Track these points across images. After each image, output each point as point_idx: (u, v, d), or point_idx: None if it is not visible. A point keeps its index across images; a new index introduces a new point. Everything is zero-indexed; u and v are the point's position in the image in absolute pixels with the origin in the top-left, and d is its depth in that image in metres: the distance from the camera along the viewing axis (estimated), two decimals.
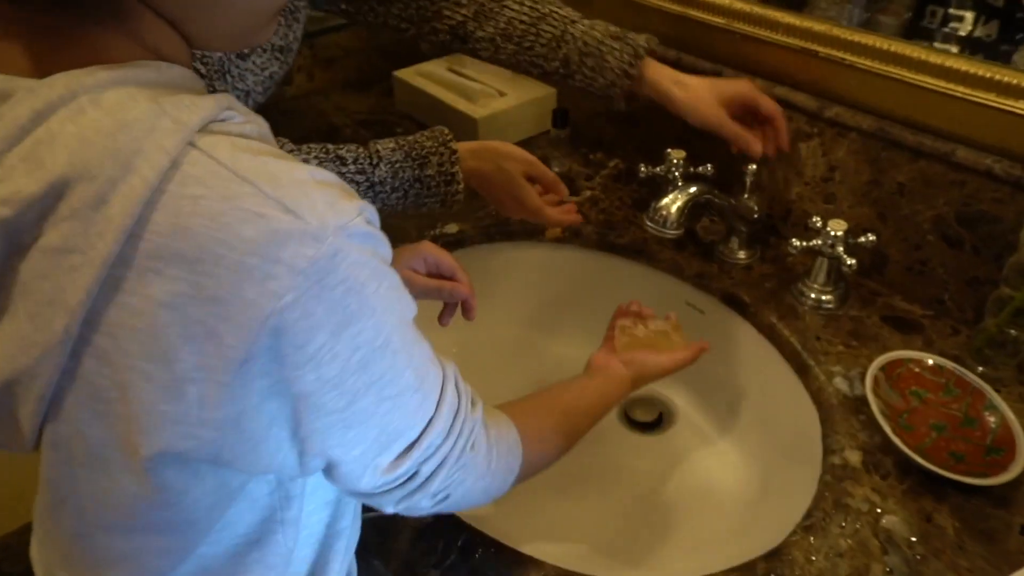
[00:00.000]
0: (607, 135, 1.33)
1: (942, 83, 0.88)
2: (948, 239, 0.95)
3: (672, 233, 0.99)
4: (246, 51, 0.86)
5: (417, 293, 0.86)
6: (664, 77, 0.98)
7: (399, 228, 1.15)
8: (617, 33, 0.98)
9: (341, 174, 0.86)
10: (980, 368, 0.89)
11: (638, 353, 0.89)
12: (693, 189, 1.00)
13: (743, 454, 1.05)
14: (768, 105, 0.99)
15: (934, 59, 0.87)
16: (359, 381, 0.48)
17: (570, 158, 1.31)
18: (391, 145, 0.91)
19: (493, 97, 1.36)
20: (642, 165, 1.10)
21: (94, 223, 0.41)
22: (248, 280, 0.42)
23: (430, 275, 0.87)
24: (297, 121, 1.45)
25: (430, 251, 0.87)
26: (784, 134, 1.00)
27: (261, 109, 0.88)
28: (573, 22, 0.99)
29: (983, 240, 0.91)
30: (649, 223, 0.99)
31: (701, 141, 1.17)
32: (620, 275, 1.17)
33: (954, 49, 0.91)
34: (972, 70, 0.85)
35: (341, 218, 0.45)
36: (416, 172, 0.90)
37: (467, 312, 0.89)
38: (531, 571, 0.74)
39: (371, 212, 0.48)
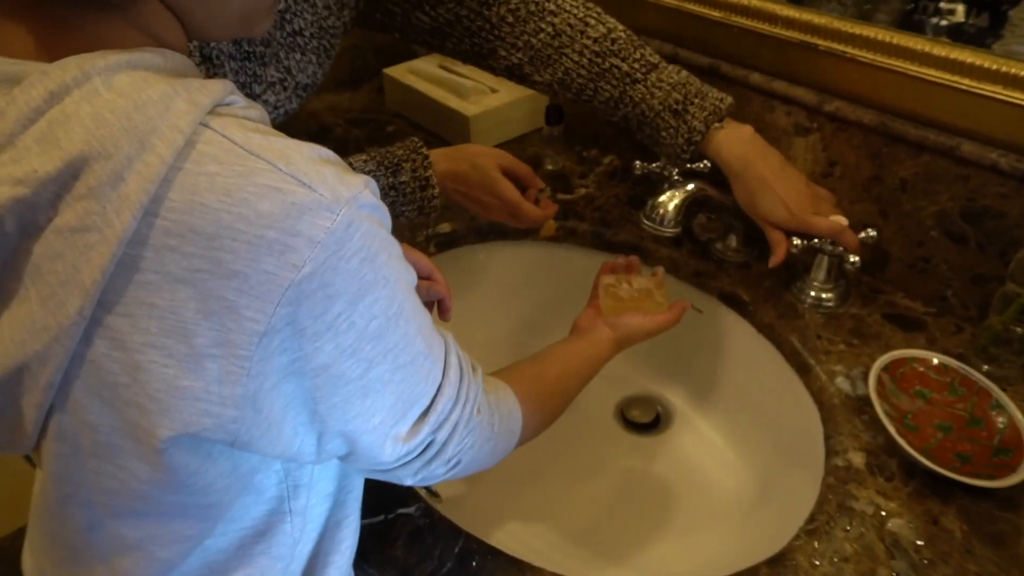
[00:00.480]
0: (601, 132, 1.31)
1: (946, 75, 0.86)
2: (952, 235, 0.93)
3: (669, 231, 0.97)
4: (259, 91, 0.84)
5: None
6: (724, 166, 0.93)
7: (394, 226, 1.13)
8: (677, 104, 0.91)
9: None
10: (985, 367, 0.87)
11: (623, 316, 0.88)
12: (690, 186, 0.98)
13: (743, 456, 1.04)
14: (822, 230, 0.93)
15: (938, 51, 0.85)
16: (375, 349, 0.50)
17: (564, 155, 1.29)
18: (363, 157, 0.90)
19: (485, 94, 1.34)
20: (637, 162, 1.08)
21: (110, 201, 0.42)
22: (267, 253, 0.44)
23: None
24: (287, 121, 1.43)
25: (406, 252, 0.86)
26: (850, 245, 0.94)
27: None
28: (634, 82, 0.92)
29: (988, 236, 0.90)
30: (646, 221, 0.97)
31: None
32: None
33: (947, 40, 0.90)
34: (978, 62, 0.83)
35: (352, 190, 0.46)
36: (390, 180, 0.89)
37: (443, 312, 0.87)
38: None
39: (374, 185, 0.49)
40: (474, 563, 0.73)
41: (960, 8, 0.92)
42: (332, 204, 0.45)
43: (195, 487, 0.51)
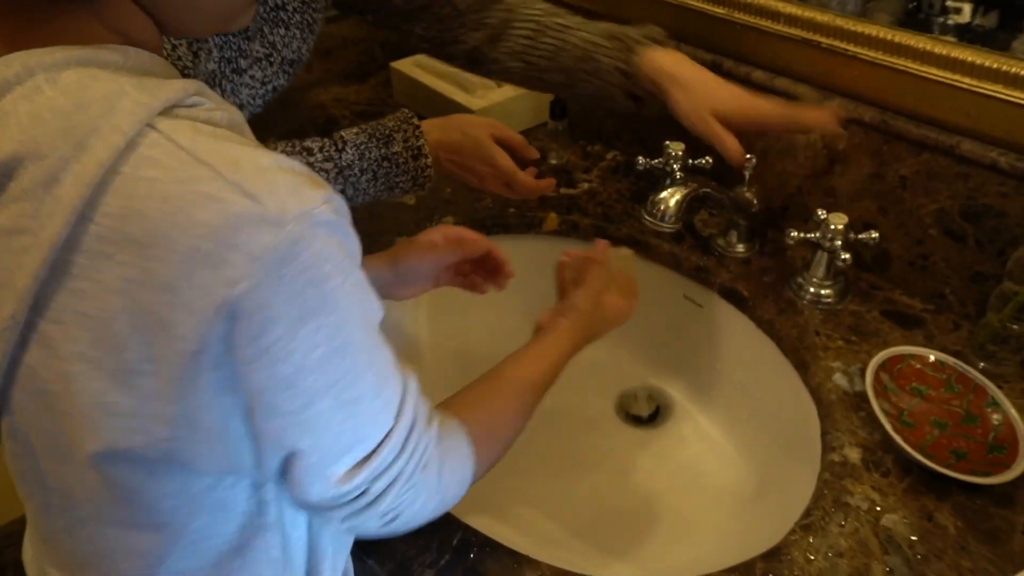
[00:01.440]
0: (605, 127, 1.32)
1: (948, 74, 0.86)
2: (951, 233, 0.93)
3: (670, 226, 0.98)
4: (245, 65, 0.84)
5: (436, 266, 0.87)
6: (662, 74, 0.90)
7: (396, 220, 1.14)
8: (613, 31, 0.93)
9: (309, 164, 0.85)
10: (982, 364, 0.88)
11: (581, 296, 0.82)
12: (692, 182, 0.98)
13: (741, 450, 1.04)
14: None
15: (939, 49, 0.86)
16: (317, 382, 0.46)
17: (568, 150, 1.30)
18: (355, 130, 0.90)
19: (491, 88, 1.35)
20: (640, 157, 1.08)
21: (44, 204, 0.40)
22: (201, 266, 0.41)
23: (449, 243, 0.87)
24: (294, 112, 1.44)
25: (438, 230, 0.87)
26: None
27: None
28: (572, 29, 0.94)
29: (987, 234, 0.90)
30: (647, 216, 0.98)
31: None
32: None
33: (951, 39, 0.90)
34: (979, 60, 0.83)
35: (304, 205, 0.43)
36: (382, 151, 0.89)
37: (502, 268, 0.91)
38: (527, 570, 0.72)
39: (339, 202, 0.46)
40: (472, 555, 0.74)
41: (967, 7, 0.91)
42: (277, 218, 0.42)
43: (139, 504, 0.50)
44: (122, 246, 0.41)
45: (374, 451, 0.51)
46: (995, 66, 0.82)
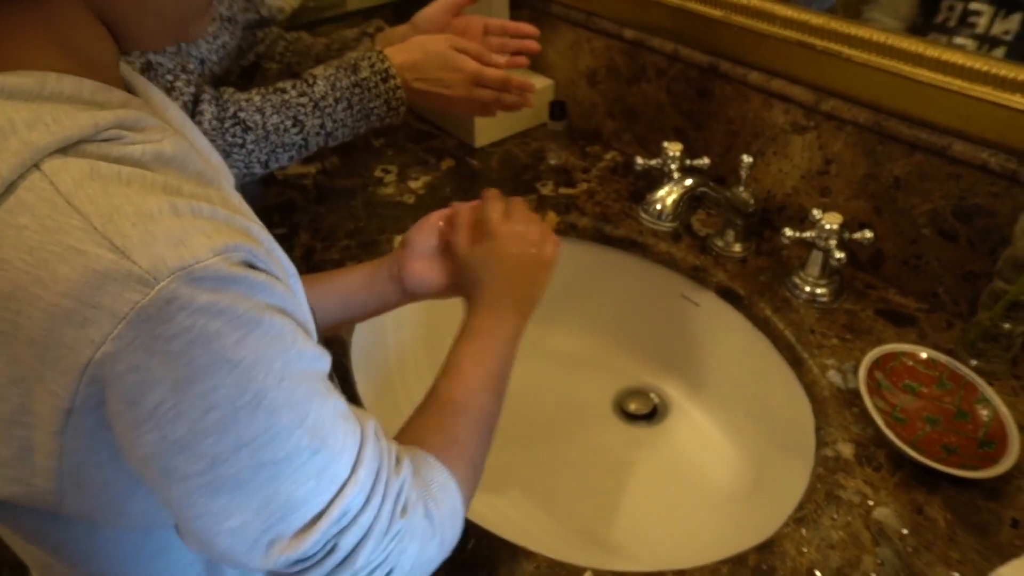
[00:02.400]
0: (604, 128, 1.33)
1: (939, 77, 0.87)
2: (943, 233, 0.95)
3: (667, 226, 0.99)
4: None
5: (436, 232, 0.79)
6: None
7: (396, 219, 1.16)
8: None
9: (285, 102, 0.88)
10: (973, 362, 0.89)
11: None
12: (688, 182, 1.00)
13: (736, 446, 1.06)
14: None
15: (931, 52, 0.87)
16: (220, 444, 0.42)
17: (567, 151, 1.31)
18: (322, 67, 0.93)
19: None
20: (638, 158, 1.10)
21: None
22: (65, 324, 0.38)
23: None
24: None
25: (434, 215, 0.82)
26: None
27: (243, 86, 0.90)
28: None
29: (978, 234, 0.92)
30: (644, 215, 0.99)
31: (698, 134, 1.17)
32: (615, 268, 1.17)
33: (971, 45, 0.90)
34: (969, 64, 0.84)
35: (184, 260, 0.39)
36: (352, 78, 0.91)
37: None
38: (524, 562, 0.74)
39: (247, 249, 0.42)
40: (470, 546, 0.75)
41: (986, 14, 0.91)
42: (146, 275, 0.38)
43: (63, 552, 0.48)
44: None
45: (326, 508, 0.47)
46: (985, 69, 0.83)
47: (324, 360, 0.48)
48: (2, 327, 0.39)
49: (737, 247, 1.08)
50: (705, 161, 1.09)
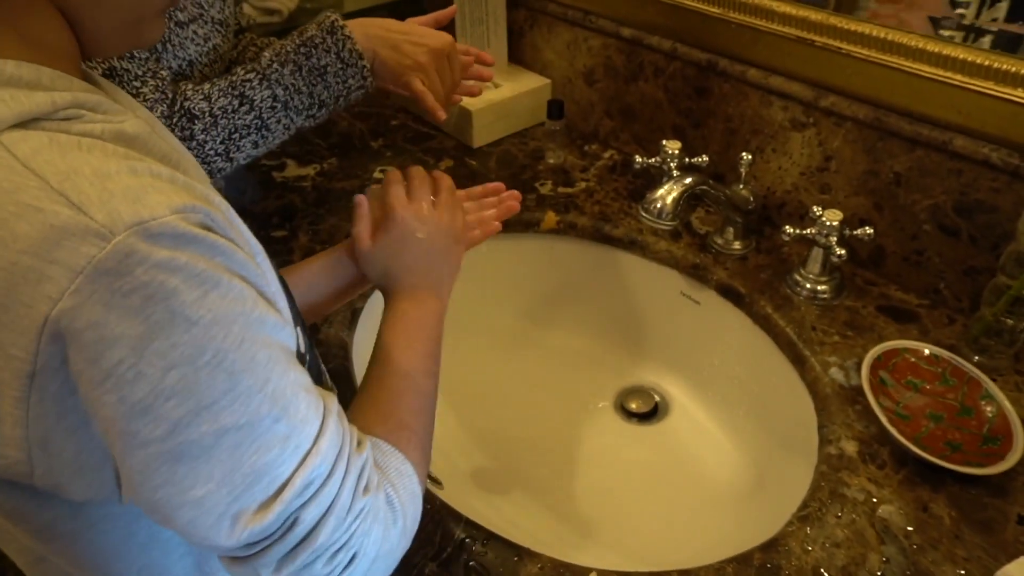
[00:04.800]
0: (602, 127, 1.33)
1: (940, 71, 0.87)
2: (945, 228, 0.94)
3: (667, 224, 0.99)
4: (184, 19, 0.86)
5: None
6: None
7: None
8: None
9: (232, 83, 0.85)
10: (976, 357, 0.89)
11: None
12: (688, 180, 0.99)
13: (739, 444, 1.05)
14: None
15: (931, 47, 0.87)
16: (181, 408, 0.41)
17: (565, 150, 1.31)
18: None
19: (488, 89, 1.36)
20: (637, 156, 1.10)
21: None
22: (23, 282, 0.39)
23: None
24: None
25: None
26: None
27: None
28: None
29: (980, 229, 0.91)
30: (644, 214, 0.98)
31: (696, 132, 1.17)
32: (615, 266, 1.17)
33: (957, 36, 0.89)
34: (970, 58, 0.84)
35: (141, 215, 0.39)
36: (298, 40, 0.88)
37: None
38: (527, 562, 0.73)
39: (205, 212, 0.43)
40: (474, 548, 0.75)
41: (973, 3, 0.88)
42: (102, 229, 0.38)
43: (35, 534, 0.48)
44: None
45: (290, 478, 0.46)
46: (986, 63, 0.83)
47: (286, 333, 0.47)
48: None
49: (737, 245, 1.08)
50: (704, 159, 1.08)
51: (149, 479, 0.42)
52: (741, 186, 1.04)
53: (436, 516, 0.78)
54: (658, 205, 0.97)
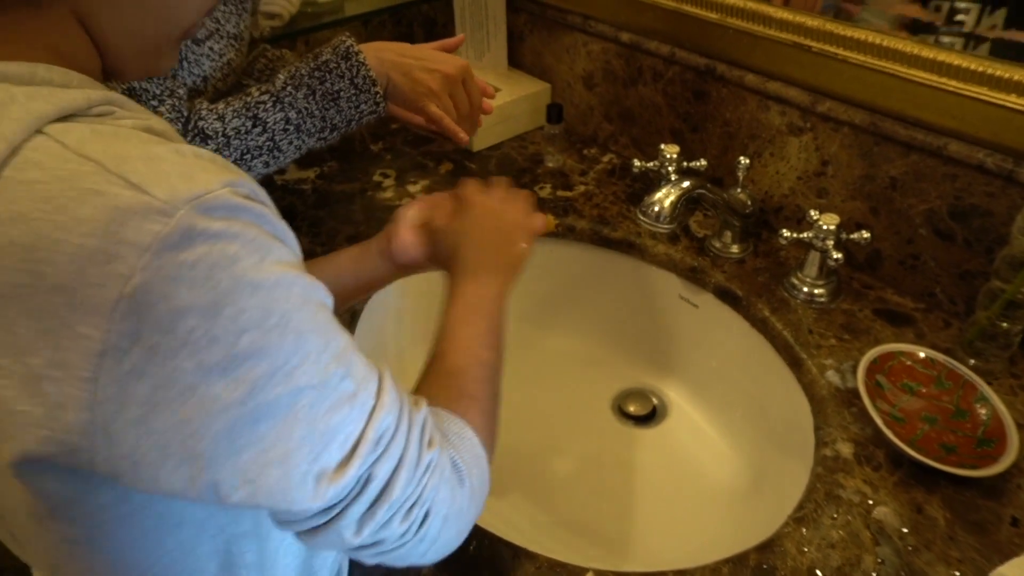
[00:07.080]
0: (601, 130, 1.34)
1: (935, 77, 0.88)
2: (940, 233, 0.95)
3: (665, 227, 0.99)
4: (202, 36, 0.86)
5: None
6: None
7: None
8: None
9: (246, 103, 0.86)
10: (971, 361, 0.90)
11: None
12: (686, 184, 1.00)
13: (736, 446, 1.06)
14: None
15: (927, 53, 0.87)
16: (258, 368, 0.43)
17: (564, 153, 1.32)
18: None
19: None
20: (636, 160, 1.10)
21: None
22: (91, 264, 0.39)
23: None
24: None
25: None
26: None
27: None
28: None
29: (975, 233, 0.92)
30: (642, 217, 0.99)
31: (694, 136, 1.17)
32: (613, 269, 1.17)
33: (958, 44, 0.89)
34: (965, 64, 0.85)
35: (195, 191, 0.41)
36: (312, 64, 0.89)
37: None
38: (525, 563, 0.74)
39: (249, 187, 0.45)
40: (471, 548, 0.75)
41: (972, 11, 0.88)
42: (165, 206, 0.40)
43: (68, 522, 0.48)
44: (7, 251, 0.40)
45: (361, 435, 0.48)
46: (980, 69, 0.84)
47: (326, 293, 0.49)
48: (25, 279, 0.40)
49: (735, 248, 1.09)
50: (702, 163, 1.09)
51: (233, 442, 0.43)
52: (739, 190, 1.05)
53: None
54: (656, 208, 0.98)
